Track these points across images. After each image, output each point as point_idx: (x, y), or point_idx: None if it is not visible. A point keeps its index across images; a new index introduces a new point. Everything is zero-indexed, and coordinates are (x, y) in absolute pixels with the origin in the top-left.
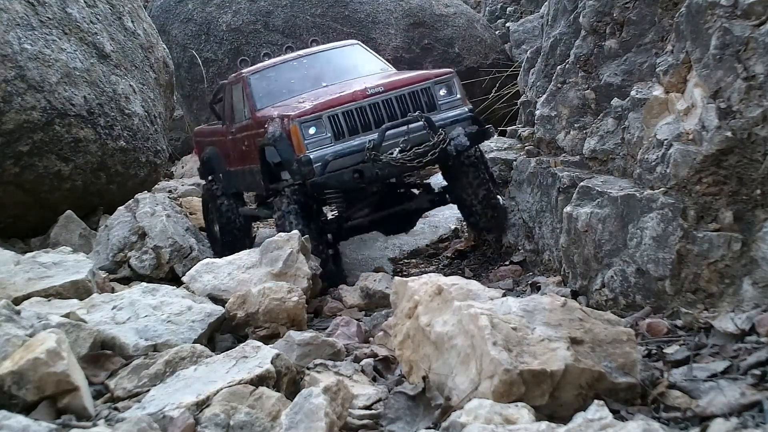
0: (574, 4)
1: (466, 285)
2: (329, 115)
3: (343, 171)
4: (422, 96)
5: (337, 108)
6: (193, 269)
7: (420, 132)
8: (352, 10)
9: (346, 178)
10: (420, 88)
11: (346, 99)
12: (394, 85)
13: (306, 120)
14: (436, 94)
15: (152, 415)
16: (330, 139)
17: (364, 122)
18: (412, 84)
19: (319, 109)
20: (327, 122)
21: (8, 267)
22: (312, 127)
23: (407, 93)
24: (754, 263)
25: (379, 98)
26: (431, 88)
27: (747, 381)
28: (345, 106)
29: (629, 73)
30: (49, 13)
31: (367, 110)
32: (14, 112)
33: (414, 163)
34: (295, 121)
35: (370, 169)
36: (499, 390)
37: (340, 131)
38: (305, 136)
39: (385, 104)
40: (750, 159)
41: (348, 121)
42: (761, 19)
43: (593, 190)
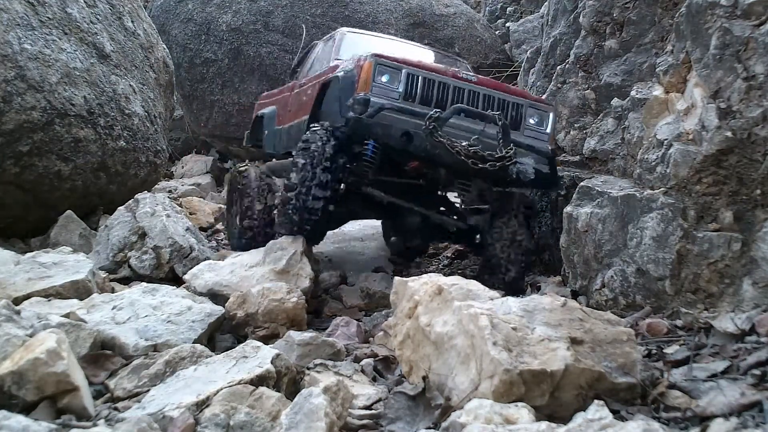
0: (574, 4)
1: (466, 285)
2: (409, 72)
3: (395, 127)
4: (511, 109)
5: (420, 70)
6: (195, 268)
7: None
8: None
9: (393, 133)
10: (512, 101)
11: (434, 68)
12: (488, 83)
13: (384, 63)
14: (525, 117)
15: (152, 415)
16: (398, 95)
17: (442, 100)
18: (507, 92)
19: (401, 61)
20: (404, 78)
21: (8, 267)
22: (386, 75)
23: (498, 98)
24: (754, 263)
25: (467, 86)
26: (524, 108)
27: (747, 381)
28: (429, 74)
29: (629, 73)
30: (49, 13)
31: (449, 90)
32: (14, 112)
33: (468, 160)
34: (372, 58)
35: (422, 140)
36: (499, 390)
37: (412, 94)
38: (375, 79)
39: (470, 95)
40: (750, 159)
41: (425, 89)
42: (761, 19)
43: (593, 190)
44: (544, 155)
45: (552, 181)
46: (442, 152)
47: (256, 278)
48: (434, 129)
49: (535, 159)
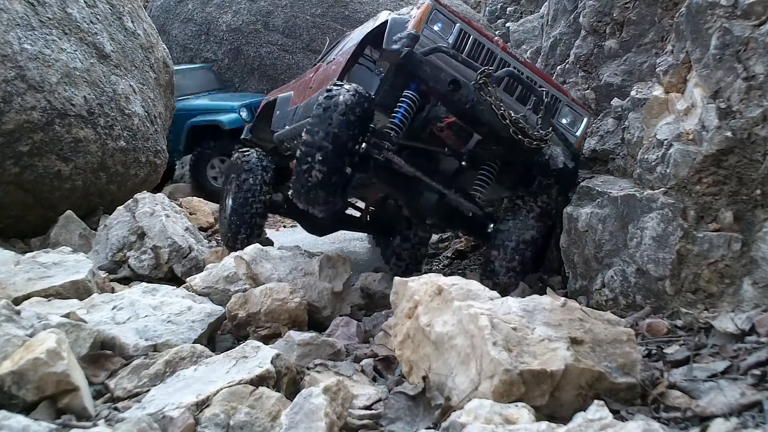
0: (574, 4)
1: (466, 285)
2: (462, 28)
3: (444, 70)
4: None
5: (473, 31)
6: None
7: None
8: (352, 10)
9: (442, 77)
10: (554, 93)
11: (486, 34)
12: (532, 68)
13: (441, 11)
14: (560, 112)
15: (152, 415)
16: (446, 41)
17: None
18: (549, 82)
19: (458, 16)
20: (456, 32)
21: (8, 267)
22: (439, 23)
23: (538, 82)
24: (754, 263)
25: (514, 62)
26: (561, 104)
27: (747, 381)
28: (480, 36)
29: (629, 73)
30: (49, 13)
31: (496, 60)
32: (14, 112)
33: (510, 128)
34: (431, 2)
35: (469, 91)
36: (499, 390)
37: (460, 50)
38: (429, 23)
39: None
40: (750, 159)
41: (473, 50)
42: (761, 19)
43: (593, 190)
44: (572, 151)
45: (573, 180)
46: (486, 111)
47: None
48: (484, 84)
49: (564, 152)
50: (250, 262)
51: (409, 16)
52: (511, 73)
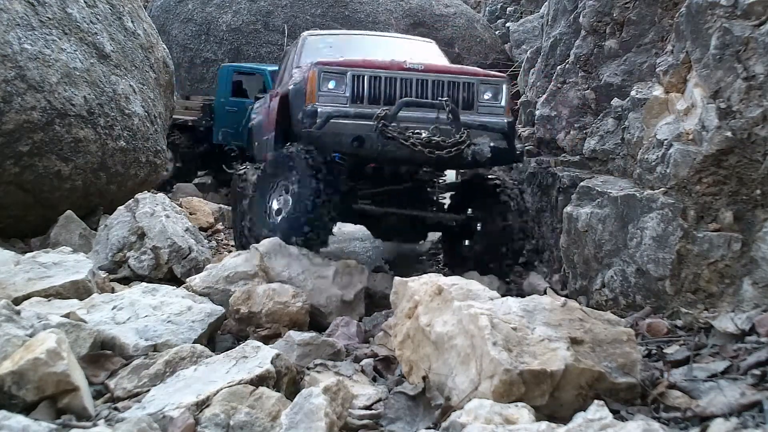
0: (574, 4)
1: (466, 285)
2: (355, 74)
3: (344, 134)
4: (462, 90)
5: (365, 69)
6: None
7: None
8: (352, 10)
9: (344, 140)
10: (463, 81)
11: (379, 64)
12: (435, 69)
13: (328, 71)
14: (478, 94)
15: (152, 415)
16: (346, 99)
17: (391, 95)
18: (456, 73)
19: (346, 65)
20: (349, 81)
21: (8, 267)
22: (332, 81)
23: (447, 81)
24: (754, 263)
25: (415, 76)
26: (475, 86)
27: (747, 381)
28: (374, 71)
29: (629, 73)
30: (49, 13)
31: (397, 83)
32: (14, 112)
33: (425, 151)
34: (316, 67)
35: (373, 141)
36: (499, 390)
37: (361, 95)
38: (320, 87)
39: (419, 84)
40: (750, 159)
41: (373, 88)
42: (761, 19)
43: (593, 190)
44: (499, 131)
45: (510, 156)
46: (396, 149)
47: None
48: (384, 127)
49: (491, 137)
50: (264, 255)
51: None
52: (404, 103)
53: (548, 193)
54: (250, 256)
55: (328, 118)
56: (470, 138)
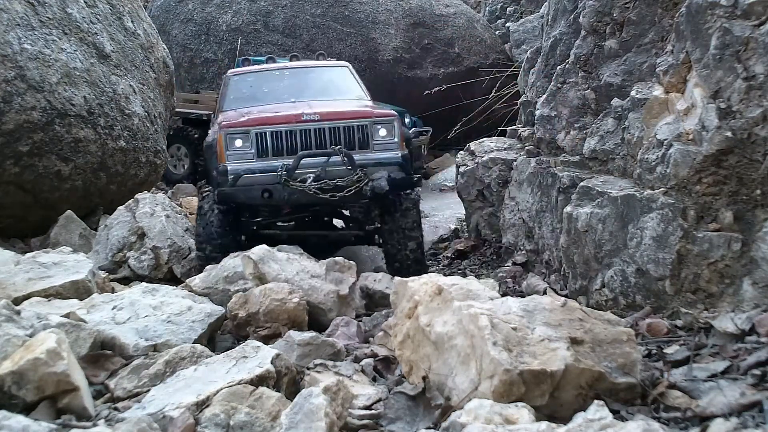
0: (574, 4)
1: (466, 285)
2: (258, 131)
3: (254, 187)
4: (357, 132)
5: (266, 127)
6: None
7: (341, 167)
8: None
9: (254, 194)
10: (357, 124)
11: (278, 120)
12: (330, 116)
13: (233, 132)
14: (372, 134)
15: (152, 415)
16: (253, 155)
17: (292, 146)
18: (349, 118)
19: (248, 124)
20: (254, 138)
21: (8, 267)
22: (238, 140)
23: (342, 126)
24: (754, 263)
25: (313, 126)
26: (368, 127)
27: (747, 381)
28: (275, 127)
29: (629, 73)
30: (49, 13)
31: (297, 135)
32: (14, 112)
33: (326, 195)
34: (222, 131)
35: (280, 191)
36: (499, 390)
37: (265, 150)
38: (228, 147)
39: (316, 133)
40: (750, 159)
41: (275, 142)
42: (761, 19)
43: (593, 190)
44: (395, 164)
45: (408, 184)
46: (301, 196)
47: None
48: (287, 180)
49: (389, 170)
50: (258, 262)
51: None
52: (302, 156)
53: (548, 193)
54: (244, 263)
55: (238, 176)
56: (367, 175)
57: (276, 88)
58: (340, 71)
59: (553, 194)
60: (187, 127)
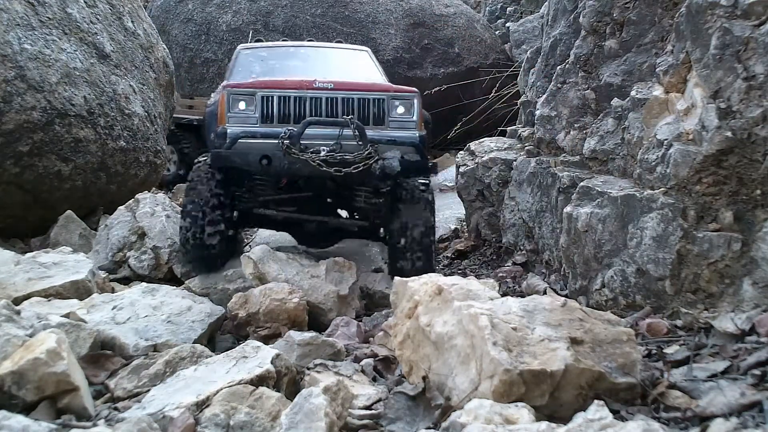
0: (574, 4)
1: (466, 285)
2: (264, 95)
3: (252, 153)
4: (372, 106)
5: (274, 90)
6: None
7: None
8: (352, 10)
9: (251, 159)
10: (373, 97)
11: (288, 84)
12: (345, 86)
13: (237, 93)
14: (389, 110)
15: (152, 415)
16: (256, 120)
17: (300, 114)
18: (366, 90)
19: (255, 86)
20: (259, 102)
21: (8, 267)
22: (242, 102)
23: (357, 98)
24: (754, 263)
25: (325, 94)
26: (386, 102)
27: (747, 381)
28: (283, 91)
29: (629, 73)
30: (49, 13)
31: (306, 102)
32: (14, 112)
33: (331, 169)
34: (226, 90)
35: (281, 159)
36: (499, 390)
37: (270, 115)
38: (231, 109)
39: (328, 102)
40: (750, 159)
41: (282, 107)
42: (761, 19)
43: (593, 190)
44: (410, 144)
45: (422, 168)
46: (303, 166)
47: (323, 292)
48: (289, 147)
49: (402, 151)
50: (258, 262)
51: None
52: (308, 122)
53: (548, 193)
54: (244, 263)
55: (236, 139)
56: (378, 153)
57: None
58: (358, 54)
59: (553, 194)
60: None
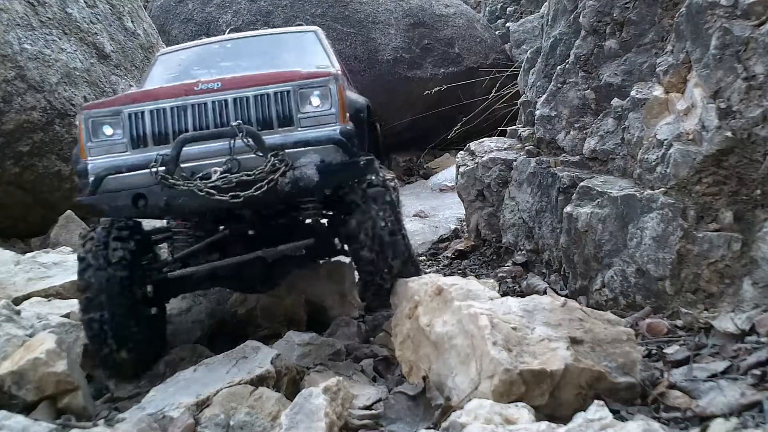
0: (574, 4)
1: (466, 285)
2: (132, 112)
3: (122, 193)
4: (275, 103)
5: (144, 103)
6: None
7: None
8: (352, 10)
9: (121, 203)
10: (274, 91)
11: (162, 93)
12: (236, 83)
13: (98, 115)
14: (300, 103)
15: (152, 415)
16: (125, 146)
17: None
18: (262, 84)
19: (119, 102)
20: (126, 122)
21: (8, 267)
22: (106, 126)
23: (253, 95)
24: (754, 263)
25: (211, 98)
26: (292, 94)
27: (747, 381)
28: (156, 103)
29: (629, 73)
30: (49, 13)
31: (188, 112)
32: (14, 112)
33: (226, 196)
34: (82, 113)
35: (157, 194)
36: (499, 390)
37: (143, 137)
38: (91, 137)
39: (216, 107)
40: (750, 159)
41: (157, 124)
42: (761, 19)
43: (593, 190)
44: (331, 142)
45: (353, 169)
46: (189, 199)
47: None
48: (165, 177)
49: (323, 153)
50: None
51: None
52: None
53: (548, 193)
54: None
55: (101, 177)
56: (287, 162)
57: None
58: (302, 37)
59: (553, 194)
60: None
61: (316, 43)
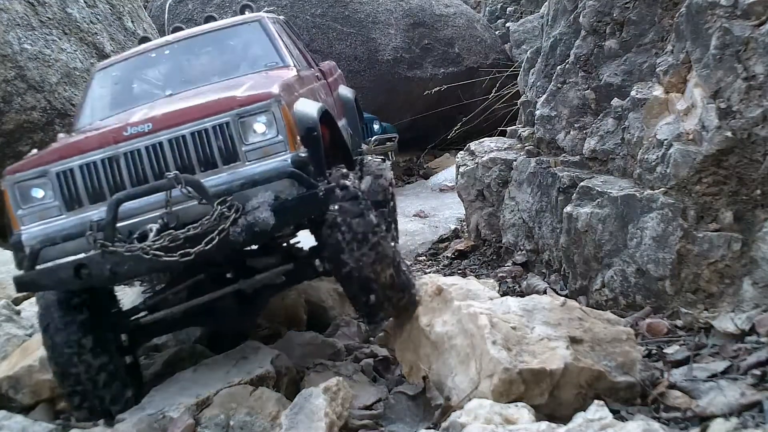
0: (574, 4)
1: (466, 285)
2: (59, 170)
3: (61, 265)
4: (215, 138)
5: (71, 160)
6: None
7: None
8: (352, 10)
9: (63, 275)
10: (212, 125)
11: (89, 145)
12: (168, 121)
13: (23, 179)
14: (244, 133)
15: (152, 415)
16: (59, 208)
17: (118, 182)
18: (197, 118)
19: (44, 161)
20: (56, 182)
21: (8, 267)
22: (35, 189)
23: (189, 134)
24: (754, 263)
25: (144, 142)
26: (232, 124)
27: (747, 381)
28: (85, 157)
29: (629, 73)
30: (49, 13)
31: (121, 162)
32: (14, 112)
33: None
34: (6, 179)
35: (99, 263)
36: (499, 389)
37: (76, 197)
38: (22, 204)
39: (151, 153)
40: (750, 159)
41: (90, 181)
42: (761, 19)
43: (593, 190)
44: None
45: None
46: (136, 264)
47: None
48: (104, 245)
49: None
50: None
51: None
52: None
53: (548, 193)
54: None
55: (35, 253)
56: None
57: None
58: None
59: (553, 194)
60: None
61: (262, 34)
